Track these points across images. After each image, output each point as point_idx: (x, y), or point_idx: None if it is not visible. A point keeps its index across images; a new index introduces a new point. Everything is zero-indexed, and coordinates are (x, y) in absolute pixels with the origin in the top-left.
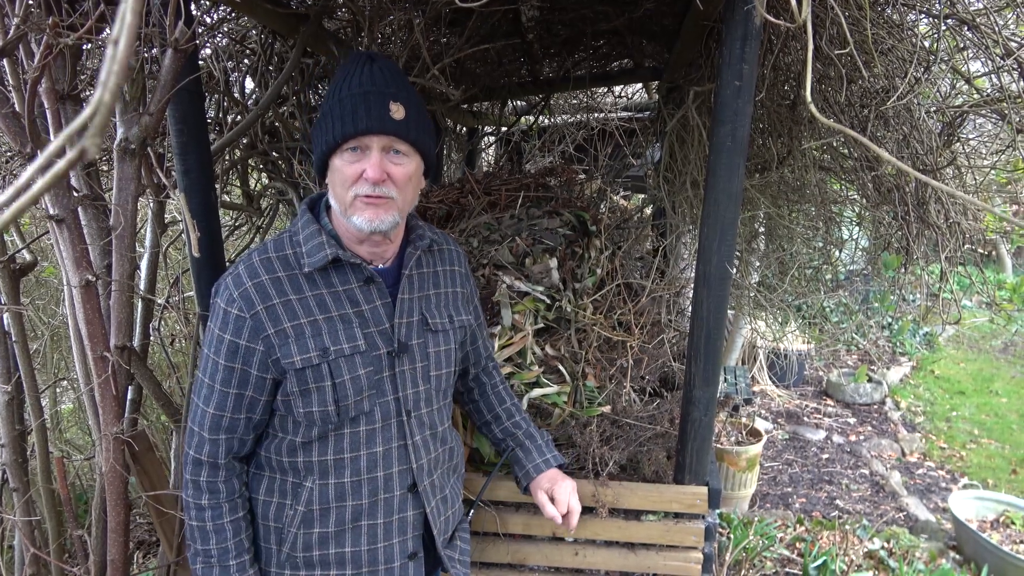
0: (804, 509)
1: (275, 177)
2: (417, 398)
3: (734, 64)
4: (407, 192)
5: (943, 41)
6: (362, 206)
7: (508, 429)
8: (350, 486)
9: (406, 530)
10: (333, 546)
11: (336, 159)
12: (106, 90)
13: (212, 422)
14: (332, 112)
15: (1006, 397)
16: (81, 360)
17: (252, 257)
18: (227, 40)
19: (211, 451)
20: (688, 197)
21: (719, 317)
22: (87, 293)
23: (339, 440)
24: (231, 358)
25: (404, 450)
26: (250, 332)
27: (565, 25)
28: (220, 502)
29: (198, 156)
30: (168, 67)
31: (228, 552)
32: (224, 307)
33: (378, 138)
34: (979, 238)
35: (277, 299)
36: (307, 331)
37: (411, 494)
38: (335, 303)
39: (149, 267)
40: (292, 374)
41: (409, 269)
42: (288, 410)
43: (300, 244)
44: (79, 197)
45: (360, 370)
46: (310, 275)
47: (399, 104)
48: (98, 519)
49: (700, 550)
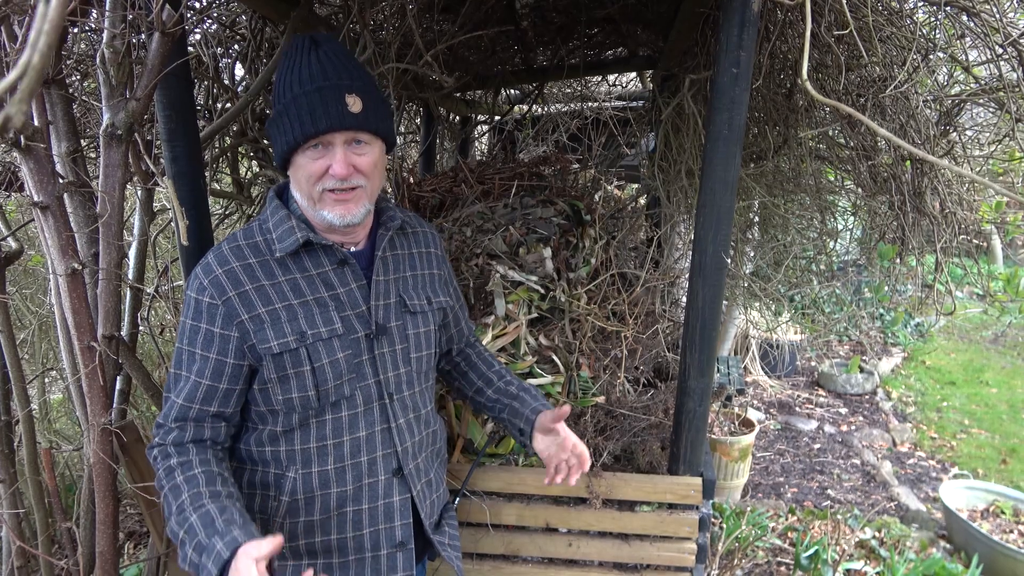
0: (796, 499)
1: (265, 165)
2: (399, 380)
3: (731, 51)
4: (375, 178)
5: (942, 29)
6: (332, 202)
7: (500, 388)
8: (334, 473)
9: (392, 517)
10: (319, 534)
11: (299, 156)
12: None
13: (180, 413)
14: (288, 111)
15: (996, 387)
16: (68, 350)
17: (222, 246)
18: (216, 25)
19: (177, 437)
20: (683, 186)
21: (714, 307)
22: (73, 282)
23: (321, 427)
24: (206, 347)
25: (388, 433)
26: (223, 319)
27: (559, 12)
28: (190, 457)
29: (186, 143)
30: (155, 51)
31: (200, 495)
32: (195, 296)
33: (340, 134)
34: (974, 228)
35: (249, 285)
36: (283, 316)
37: (396, 479)
38: (309, 287)
39: (137, 256)
40: (269, 359)
41: (382, 251)
42: (266, 400)
43: (270, 231)
44: (64, 184)
45: (339, 353)
46: (282, 260)
47: (355, 96)
48: (86, 511)
49: (694, 540)
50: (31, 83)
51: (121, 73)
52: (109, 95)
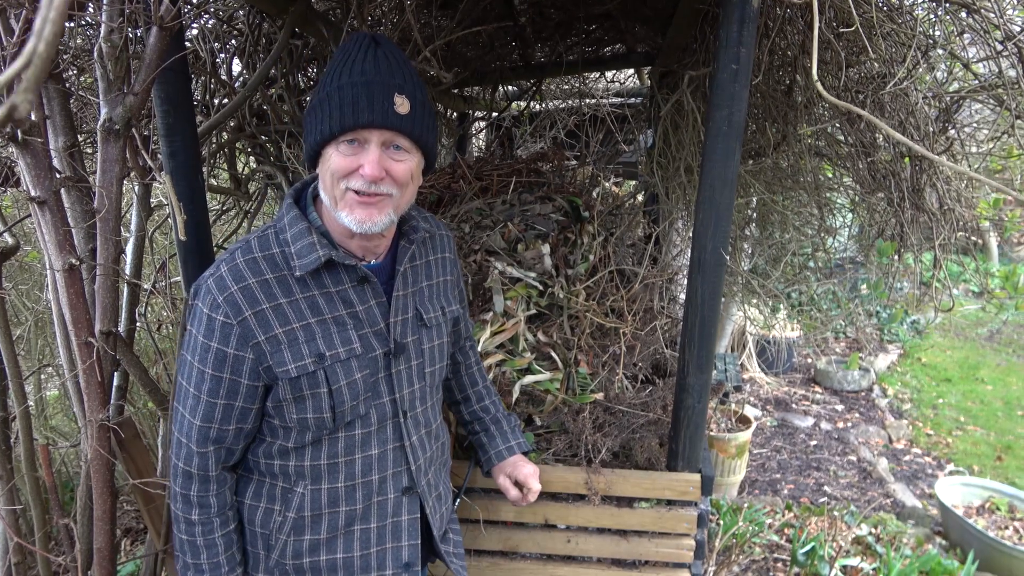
0: (792, 495)
1: (263, 161)
2: (412, 397)
3: (731, 47)
4: (407, 191)
5: (941, 25)
6: (353, 203)
7: (476, 412)
8: (344, 491)
9: (400, 536)
10: (324, 553)
11: (331, 149)
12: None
13: (200, 434)
14: (330, 100)
15: (991, 384)
16: (65, 346)
17: (236, 257)
18: (214, 20)
19: (200, 463)
20: (681, 183)
21: (713, 304)
22: (71, 277)
23: (333, 444)
24: (219, 367)
25: (401, 451)
26: (238, 340)
27: (558, 8)
28: (211, 516)
29: (184, 138)
30: (153, 45)
31: (220, 566)
32: (208, 313)
33: (379, 132)
34: (972, 226)
35: (266, 304)
36: (300, 336)
37: (405, 496)
38: (328, 305)
39: (135, 251)
40: (285, 382)
41: (403, 265)
42: (279, 415)
43: (288, 243)
44: (61, 179)
45: (356, 374)
46: (301, 276)
47: (404, 97)
48: (84, 507)
49: (692, 537)
50: (37, 72)
51: (119, 67)
52: (107, 89)
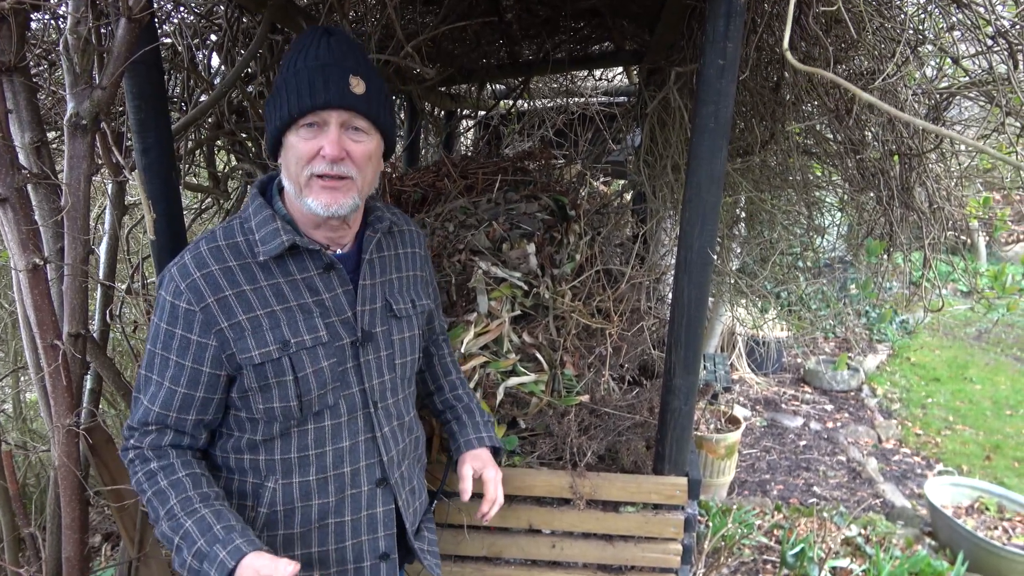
0: (782, 496)
1: (243, 158)
2: (383, 388)
3: (717, 43)
4: (367, 172)
5: (931, 20)
6: (318, 188)
7: (448, 401)
8: (316, 484)
9: (376, 528)
10: (299, 547)
11: (291, 135)
12: None
13: (157, 420)
14: (287, 85)
15: (980, 384)
16: (31, 348)
17: (200, 246)
18: (192, 15)
19: (155, 440)
20: (669, 181)
21: (700, 304)
22: (34, 277)
23: (303, 436)
24: (182, 354)
25: (372, 443)
26: (201, 327)
27: (544, 4)
28: (171, 460)
29: (158, 134)
30: (122, 37)
31: (191, 500)
32: (171, 300)
33: (337, 113)
34: (962, 225)
35: (229, 290)
36: (265, 323)
37: (379, 488)
38: (293, 292)
39: (108, 251)
40: (250, 369)
41: (369, 254)
42: (246, 406)
43: (253, 231)
44: (25, 175)
45: (323, 362)
46: (265, 263)
47: (359, 78)
48: (52, 515)
49: (679, 541)
50: None
51: (86, 60)
52: (73, 83)
